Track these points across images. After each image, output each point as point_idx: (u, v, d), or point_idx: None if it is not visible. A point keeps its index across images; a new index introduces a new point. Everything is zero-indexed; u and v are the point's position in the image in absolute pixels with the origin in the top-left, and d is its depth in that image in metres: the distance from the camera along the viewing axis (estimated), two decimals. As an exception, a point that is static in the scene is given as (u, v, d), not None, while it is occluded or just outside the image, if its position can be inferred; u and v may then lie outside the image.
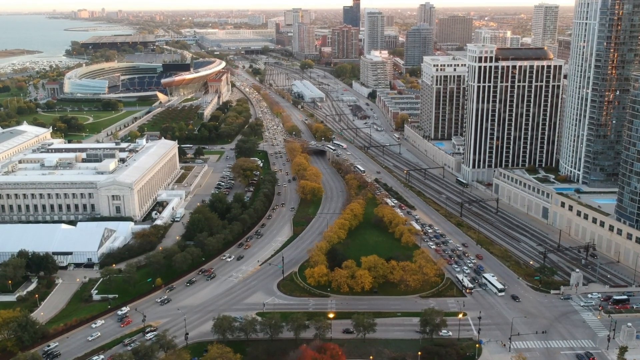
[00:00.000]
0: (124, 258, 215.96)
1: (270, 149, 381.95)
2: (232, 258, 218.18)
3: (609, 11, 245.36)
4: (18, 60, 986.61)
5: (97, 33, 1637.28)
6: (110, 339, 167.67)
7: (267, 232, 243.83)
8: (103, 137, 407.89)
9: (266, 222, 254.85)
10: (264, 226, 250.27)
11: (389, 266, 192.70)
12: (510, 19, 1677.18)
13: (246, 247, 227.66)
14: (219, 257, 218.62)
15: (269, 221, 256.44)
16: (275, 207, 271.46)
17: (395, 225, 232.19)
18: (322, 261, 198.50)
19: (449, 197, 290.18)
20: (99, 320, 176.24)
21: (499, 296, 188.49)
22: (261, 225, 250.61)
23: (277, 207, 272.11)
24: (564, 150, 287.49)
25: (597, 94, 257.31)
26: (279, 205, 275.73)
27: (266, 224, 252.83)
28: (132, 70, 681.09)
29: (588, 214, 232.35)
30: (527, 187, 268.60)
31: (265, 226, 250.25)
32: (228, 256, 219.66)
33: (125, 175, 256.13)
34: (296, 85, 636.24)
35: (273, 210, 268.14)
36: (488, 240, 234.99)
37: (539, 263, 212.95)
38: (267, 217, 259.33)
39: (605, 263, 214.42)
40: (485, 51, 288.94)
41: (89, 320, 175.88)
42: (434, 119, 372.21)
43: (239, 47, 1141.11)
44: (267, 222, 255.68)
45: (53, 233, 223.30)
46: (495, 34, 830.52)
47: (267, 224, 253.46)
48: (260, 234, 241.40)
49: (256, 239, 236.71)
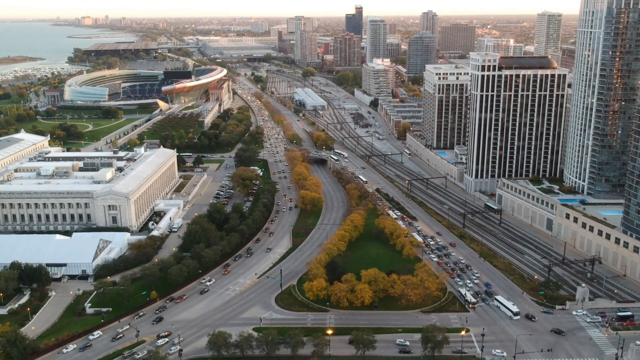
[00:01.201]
0: (119, 270, 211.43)
1: (271, 158, 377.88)
2: (212, 282, 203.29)
3: (615, 20, 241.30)
4: (20, 67, 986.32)
5: (100, 40, 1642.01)
6: (104, 354, 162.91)
7: (266, 244, 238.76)
8: (102, 145, 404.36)
9: (264, 234, 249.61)
10: (260, 241, 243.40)
11: (389, 280, 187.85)
12: (513, 27, 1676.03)
13: (225, 272, 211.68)
14: (197, 280, 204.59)
15: (267, 233, 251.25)
16: (273, 220, 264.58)
17: (396, 237, 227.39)
18: (321, 274, 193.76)
19: (451, 207, 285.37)
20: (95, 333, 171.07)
21: (514, 319, 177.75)
22: (257, 240, 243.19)
23: (276, 218, 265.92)
24: (569, 161, 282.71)
25: (603, 103, 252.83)
26: (278, 215, 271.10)
27: (263, 237, 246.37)
28: (133, 78, 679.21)
29: (593, 226, 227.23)
30: (531, 198, 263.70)
31: (260, 241, 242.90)
32: (208, 279, 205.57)
33: (122, 184, 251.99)
34: (298, 93, 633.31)
35: (271, 222, 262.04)
36: (491, 252, 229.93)
37: (543, 276, 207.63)
38: (264, 230, 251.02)
39: (611, 277, 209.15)
40: (488, 60, 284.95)
41: (81, 335, 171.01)
42: (436, 127, 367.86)
43: (241, 54, 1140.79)
44: (265, 234, 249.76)
45: (47, 244, 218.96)
46: (498, 42, 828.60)
47: (265, 236, 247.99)
48: (251, 252, 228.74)
49: (245, 257, 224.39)
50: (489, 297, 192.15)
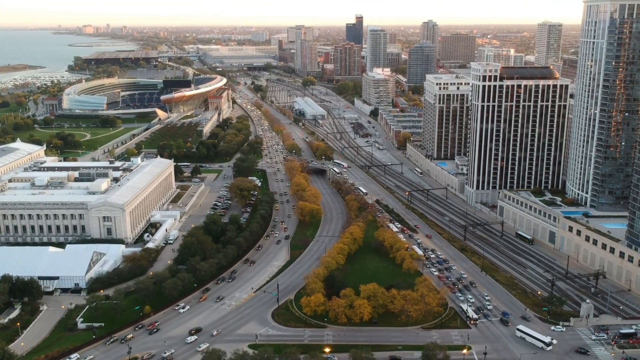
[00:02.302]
0: (113, 283, 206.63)
1: (270, 168, 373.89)
2: (187, 309, 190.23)
3: (618, 30, 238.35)
4: (20, 76, 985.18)
5: (101, 49, 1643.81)
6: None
7: (263, 257, 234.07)
8: (99, 154, 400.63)
9: (262, 244, 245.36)
10: (260, 249, 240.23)
11: (389, 295, 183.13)
12: (513, 37, 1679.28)
13: (201, 299, 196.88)
14: (171, 307, 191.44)
15: (265, 244, 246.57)
16: (269, 234, 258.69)
17: (396, 250, 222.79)
18: (319, 289, 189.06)
19: (452, 219, 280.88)
20: None
21: (547, 350, 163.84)
22: (257, 248, 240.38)
23: (274, 231, 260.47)
24: (571, 172, 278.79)
25: (606, 114, 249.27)
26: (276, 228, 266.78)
27: (261, 247, 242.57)
28: (132, 87, 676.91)
29: (597, 240, 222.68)
30: (533, 210, 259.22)
31: (259, 250, 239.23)
32: (182, 306, 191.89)
33: (117, 195, 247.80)
34: (298, 103, 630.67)
35: (267, 237, 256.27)
36: (493, 266, 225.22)
37: (546, 291, 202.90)
38: (256, 248, 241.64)
39: (616, 291, 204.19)
40: (489, 70, 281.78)
41: (72, 352, 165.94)
42: (436, 138, 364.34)
43: (241, 63, 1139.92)
44: (264, 243, 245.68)
45: (40, 256, 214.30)
46: (498, 52, 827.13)
47: (263, 246, 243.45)
48: (233, 277, 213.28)
49: (227, 282, 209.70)
50: (505, 325, 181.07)
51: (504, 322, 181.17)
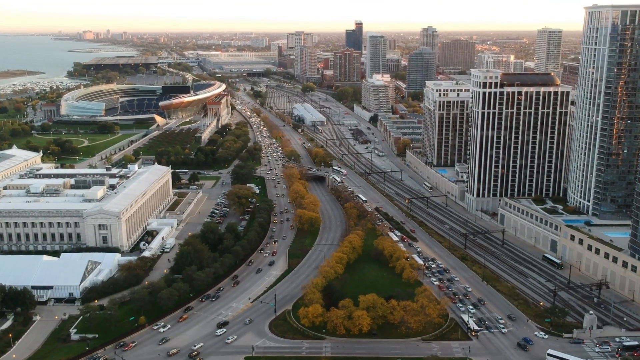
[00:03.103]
0: (108, 293, 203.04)
1: (268, 175, 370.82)
2: (167, 328, 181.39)
3: (620, 36, 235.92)
4: (19, 81, 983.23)
5: (101, 54, 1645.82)
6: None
7: (247, 279, 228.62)
8: (97, 161, 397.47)
9: (259, 256, 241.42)
10: (252, 263, 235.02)
11: (388, 306, 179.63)
12: (513, 43, 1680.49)
13: (181, 319, 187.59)
14: (150, 326, 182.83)
15: (262, 255, 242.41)
16: (267, 243, 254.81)
17: (396, 260, 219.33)
18: (318, 299, 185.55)
19: (452, 227, 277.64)
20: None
21: None
22: (248, 263, 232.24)
23: (269, 244, 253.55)
24: (573, 180, 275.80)
25: (608, 122, 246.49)
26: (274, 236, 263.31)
27: (257, 259, 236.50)
28: (131, 92, 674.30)
29: (600, 249, 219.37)
30: (535, 219, 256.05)
31: (253, 264, 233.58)
32: (162, 325, 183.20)
33: (113, 203, 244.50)
34: (297, 109, 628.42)
35: (266, 245, 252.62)
36: (494, 275, 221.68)
37: (548, 301, 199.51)
38: (247, 264, 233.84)
39: (619, 302, 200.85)
40: (490, 76, 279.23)
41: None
42: (436, 145, 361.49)
43: (241, 69, 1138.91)
44: (260, 255, 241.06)
45: (33, 265, 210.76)
46: (498, 58, 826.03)
47: (259, 258, 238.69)
48: (217, 296, 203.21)
49: (210, 302, 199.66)
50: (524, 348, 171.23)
51: (522, 347, 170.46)
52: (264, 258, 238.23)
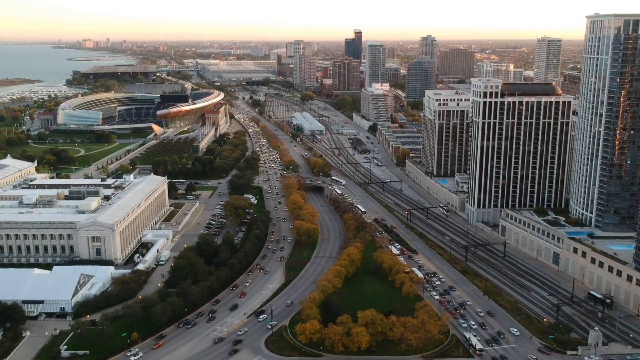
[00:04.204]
0: (101, 307, 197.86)
1: (266, 185, 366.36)
2: (139, 356, 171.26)
3: (622, 46, 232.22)
4: (17, 90, 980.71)
5: (100, 63, 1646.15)
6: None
7: (256, 282, 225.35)
8: (93, 170, 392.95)
9: (255, 269, 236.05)
10: (251, 273, 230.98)
11: (388, 322, 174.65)
12: (512, 52, 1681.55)
13: (155, 347, 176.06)
14: (123, 353, 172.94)
15: (258, 267, 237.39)
16: (265, 255, 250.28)
17: (395, 273, 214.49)
18: (315, 315, 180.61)
19: (452, 239, 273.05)
20: None
21: None
22: (232, 287, 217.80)
23: (266, 257, 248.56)
24: (575, 191, 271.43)
25: (610, 132, 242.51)
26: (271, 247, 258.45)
27: (236, 286, 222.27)
28: (129, 101, 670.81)
29: (603, 262, 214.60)
30: (536, 230, 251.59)
31: (250, 276, 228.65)
32: (134, 352, 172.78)
33: (107, 215, 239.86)
34: (296, 118, 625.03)
35: (264, 257, 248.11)
36: (496, 289, 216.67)
37: (551, 316, 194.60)
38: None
39: (624, 317, 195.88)
40: (490, 86, 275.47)
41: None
42: (436, 154, 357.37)
43: (240, 78, 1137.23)
44: (246, 280, 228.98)
45: (24, 279, 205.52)
46: (497, 67, 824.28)
47: (255, 272, 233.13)
48: (214, 316, 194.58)
49: (185, 328, 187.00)
50: None
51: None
52: (260, 271, 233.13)
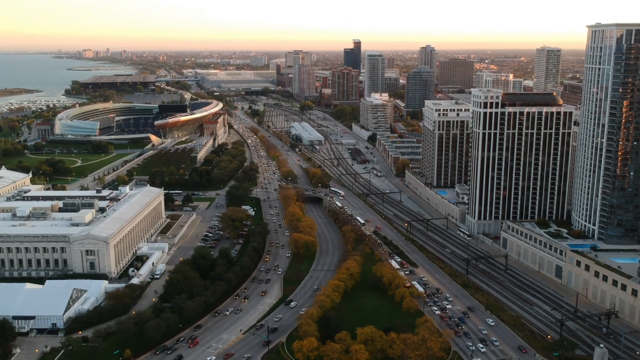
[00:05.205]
0: (93, 323, 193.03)
1: (264, 196, 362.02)
2: None
3: (625, 56, 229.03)
4: (16, 100, 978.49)
5: (99, 73, 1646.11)
6: None
7: (253, 296, 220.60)
8: (89, 181, 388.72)
9: (252, 283, 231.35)
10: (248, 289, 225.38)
11: (388, 339, 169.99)
12: (511, 62, 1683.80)
13: None
14: None
15: (256, 281, 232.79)
16: (262, 267, 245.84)
17: (395, 288, 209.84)
18: (313, 331, 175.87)
19: (453, 251, 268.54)
20: None
21: None
22: (214, 314, 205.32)
23: (263, 269, 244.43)
24: (577, 203, 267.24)
25: (613, 143, 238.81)
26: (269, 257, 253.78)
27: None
28: (127, 111, 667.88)
29: (607, 276, 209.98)
30: (538, 243, 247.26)
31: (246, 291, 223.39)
32: None
33: (102, 228, 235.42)
34: (295, 128, 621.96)
35: (260, 270, 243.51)
36: (498, 304, 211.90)
37: (555, 331, 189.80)
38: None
39: (629, 332, 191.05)
40: (490, 96, 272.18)
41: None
42: (436, 165, 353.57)
43: (239, 87, 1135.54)
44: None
45: (15, 294, 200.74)
46: (497, 77, 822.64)
47: (252, 285, 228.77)
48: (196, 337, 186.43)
49: None
50: None
51: None
52: (257, 285, 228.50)
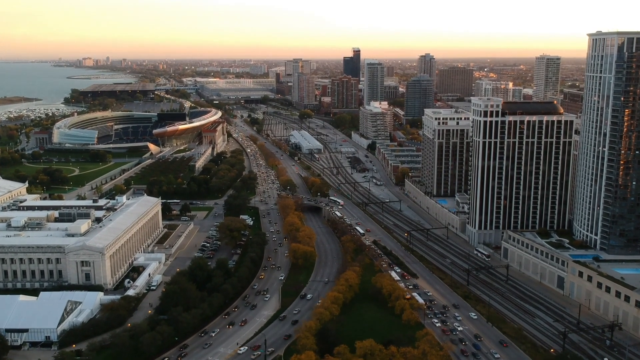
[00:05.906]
0: (88, 336, 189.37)
1: (263, 205, 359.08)
2: None
3: (626, 64, 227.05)
4: (15, 108, 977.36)
5: (99, 81, 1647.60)
6: None
7: (249, 308, 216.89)
8: (86, 191, 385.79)
9: (250, 293, 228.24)
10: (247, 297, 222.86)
11: (387, 353, 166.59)
12: (510, 70, 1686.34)
13: None
14: None
15: (254, 291, 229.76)
16: (261, 274, 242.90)
17: (395, 299, 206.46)
18: (311, 344, 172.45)
19: (453, 261, 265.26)
20: None
21: None
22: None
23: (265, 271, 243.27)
24: (578, 212, 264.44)
25: (615, 152, 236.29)
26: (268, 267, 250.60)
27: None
28: (126, 120, 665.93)
29: (610, 287, 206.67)
30: (540, 253, 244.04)
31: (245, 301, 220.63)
32: None
33: (97, 238, 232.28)
34: (294, 136, 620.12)
35: (259, 279, 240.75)
36: (499, 316, 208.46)
37: (558, 344, 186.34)
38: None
39: (633, 344, 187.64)
40: (491, 105, 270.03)
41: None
42: (436, 174, 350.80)
43: (238, 96, 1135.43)
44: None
45: (8, 306, 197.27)
46: (496, 85, 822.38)
47: (250, 296, 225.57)
48: None
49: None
50: None
51: None
52: (255, 296, 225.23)
